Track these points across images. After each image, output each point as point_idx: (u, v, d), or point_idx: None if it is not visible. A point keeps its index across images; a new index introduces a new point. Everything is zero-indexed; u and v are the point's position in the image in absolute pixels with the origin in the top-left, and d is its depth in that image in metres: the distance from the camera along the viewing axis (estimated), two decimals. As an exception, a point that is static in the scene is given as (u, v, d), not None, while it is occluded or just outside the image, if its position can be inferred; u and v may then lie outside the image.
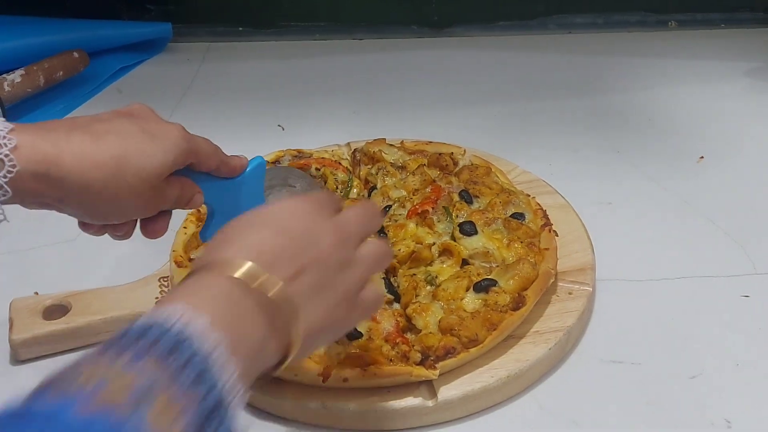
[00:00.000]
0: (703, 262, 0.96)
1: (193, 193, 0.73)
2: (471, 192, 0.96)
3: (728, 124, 1.24)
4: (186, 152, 0.70)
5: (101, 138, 0.65)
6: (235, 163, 0.76)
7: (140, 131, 0.67)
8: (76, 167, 0.63)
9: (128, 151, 0.66)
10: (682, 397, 0.79)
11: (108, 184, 0.65)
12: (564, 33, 1.54)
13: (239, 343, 0.52)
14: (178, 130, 0.70)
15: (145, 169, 0.66)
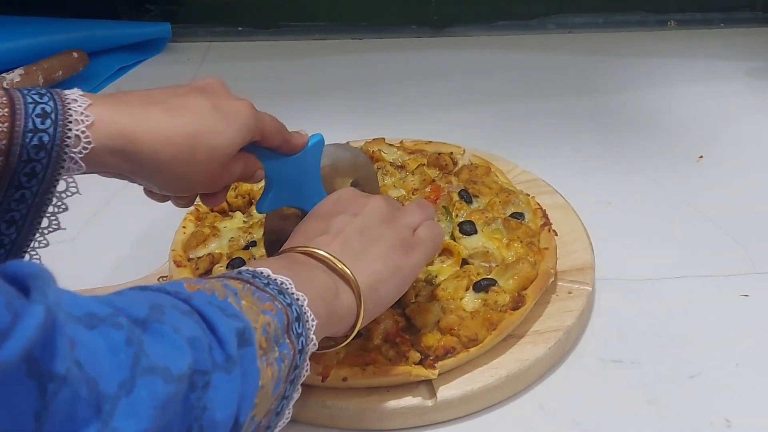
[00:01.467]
0: (703, 261, 0.96)
1: (256, 168, 0.75)
2: (470, 191, 0.96)
3: (728, 123, 1.24)
4: (254, 130, 0.71)
5: (176, 115, 0.67)
6: (297, 141, 0.77)
7: (213, 108, 0.68)
8: (151, 143, 0.65)
9: (201, 130, 0.67)
10: (681, 396, 0.79)
11: (180, 161, 0.66)
12: (564, 33, 1.54)
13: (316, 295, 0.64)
14: (247, 108, 0.71)
15: (216, 148, 0.68)
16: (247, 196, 0.97)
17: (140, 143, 0.64)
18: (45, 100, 0.62)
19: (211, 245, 0.91)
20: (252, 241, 0.91)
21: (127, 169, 0.66)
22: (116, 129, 0.63)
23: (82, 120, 0.62)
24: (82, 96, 0.63)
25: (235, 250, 0.90)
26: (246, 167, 0.73)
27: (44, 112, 0.61)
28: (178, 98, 0.68)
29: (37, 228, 0.65)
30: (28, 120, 0.60)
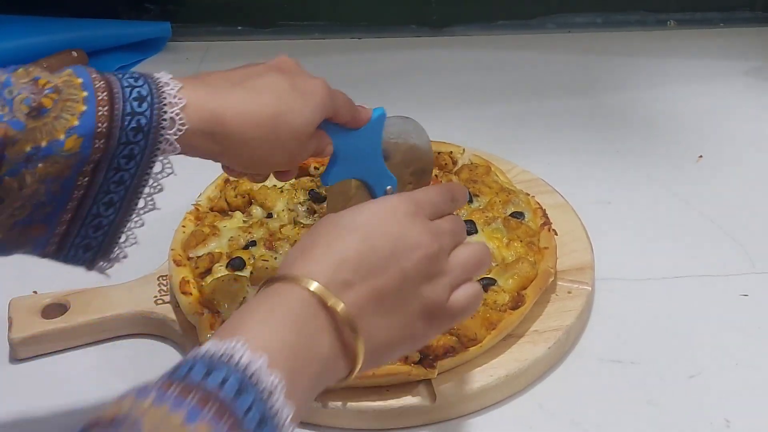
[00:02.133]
0: (703, 261, 0.96)
1: (326, 144, 0.75)
2: (471, 191, 0.96)
3: (727, 123, 1.24)
4: (329, 108, 0.72)
5: (260, 95, 0.68)
6: (363, 115, 0.78)
7: (291, 88, 0.69)
8: (238, 125, 0.66)
9: (282, 110, 0.68)
10: (681, 396, 0.79)
11: (264, 142, 0.67)
12: (563, 32, 1.54)
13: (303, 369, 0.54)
14: (322, 86, 0.72)
15: (297, 127, 0.69)
16: (247, 195, 0.97)
17: (228, 125, 0.65)
18: (140, 83, 0.63)
19: (211, 244, 0.91)
20: (252, 241, 0.91)
21: (215, 150, 0.67)
22: (207, 112, 0.65)
23: (176, 102, 0.63)
24: (172, 79, 0.65)
25: (234, 249, 0.90)
26: (319, 143, 0.74)
27: (140, 95, 0.62)
28: (258, 78, 0.69)
29: (134, 209, 0.67)
30: (126, 104, 0.62)
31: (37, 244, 0.65)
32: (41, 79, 0.60)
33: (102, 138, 0.61)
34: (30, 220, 0.62)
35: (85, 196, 0.63)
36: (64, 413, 0.79)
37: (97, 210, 0.64)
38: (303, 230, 0.92)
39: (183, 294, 0.84)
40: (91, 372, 0.84)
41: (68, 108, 0.60)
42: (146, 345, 0.87)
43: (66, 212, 0.63)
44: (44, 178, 0.60)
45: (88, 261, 0.68)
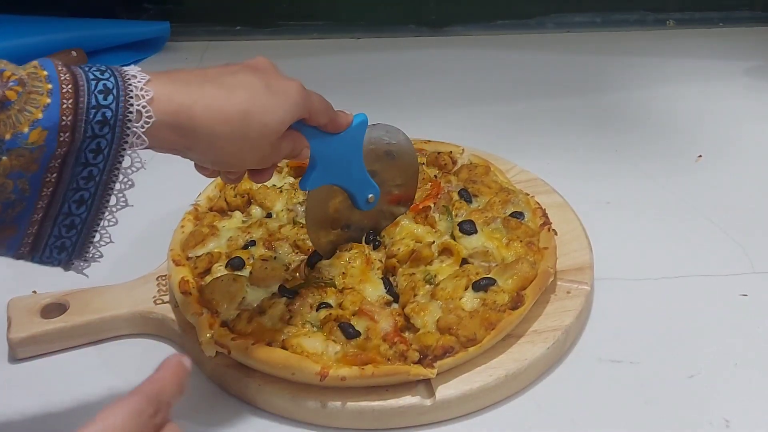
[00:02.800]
0: (702, 261, 0.96)
1: (303, 146, 0.76)
2: (470, 191, 0.96)
3: (726, 123, 1.24)
4: (303, 109, 0.73)
5: (231, 92, 0.68)
6: (342, 120, 0.79)
7: (264, 87, 0.70)
8: (206, 120, 0.66)
9: (253, 108, 0.68)
10: (680, 396, 0.79)
11: (233, 138, 0.68)
12: (562, 32, 1.54)
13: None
14: (296, 87, 0.73)
15: (267, 125, 0.69)
16: (246, 195, 0.97)
17: (196, 119, 0.66)
18: (106, 76, 0.63)
19: (210, 244, 0.91)
20: (251, 241, 0.91)
21: (182, 144, 0.67)
22: (174, 105, 0.65)
23: (142, 95, 0.63)
24: (140, 72, 0.65)
25: (233, 249, 0.90)
26: (294, 145, 0.75)
27: (106, 88, 0.62)
28: (231, 76, 0.70)
29: (106, 206, 0.67)
30: (92, 96, 0.62)
31: (10, 246, 0.65)
32: (6, 71, 0.60)
33: (67, 131, 0.61)
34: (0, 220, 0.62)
35: (54, 193, 0.63)
36: (63, 413, 0.79)
37: (69, 208, 0.64)
38: (302, 230, 0.91)
39: (182, 294, 0.84)
40: (91, 372, 0.84)
41: (32, 100, 0.60)
42: (145, 345, 0.87)
43: (36, 212, 0.63)
44: (9, 172, 0.60)
45: (63, 261, 0.69)
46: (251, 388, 0.79)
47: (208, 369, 0.82)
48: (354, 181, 0.84)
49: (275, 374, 0.78)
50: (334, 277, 0.86)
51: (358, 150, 0.82)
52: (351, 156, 0.82)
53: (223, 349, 0.79)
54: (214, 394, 0.81)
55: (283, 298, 0.83)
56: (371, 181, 0.86)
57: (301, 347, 0.77)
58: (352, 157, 0.82)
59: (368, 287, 0.85)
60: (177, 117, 0.65)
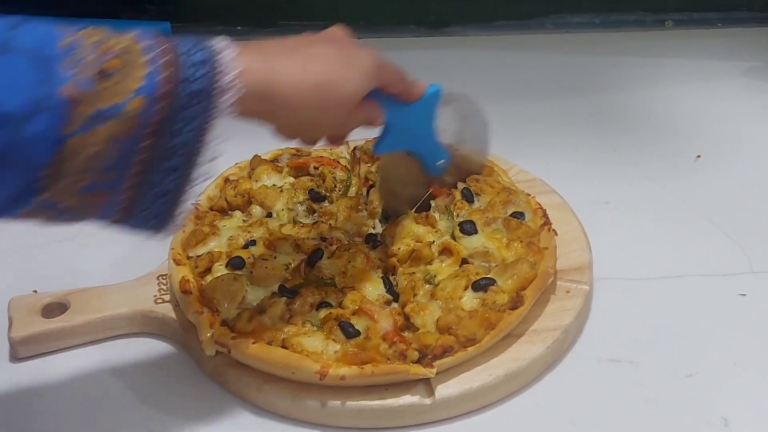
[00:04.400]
0: (701, 260, 0.96)
1: (377, 114, 0.80)
2: (473, 190, 0.96)
3: (725, 123, 1.24)
4: (377, 79, 0.76)
5: (309, 63, 0.71)
6: (415, 90, 0.82)
7: (340, 58, 0.73)
8: (286, 90, 0.69)
9: (329, 78, 0.71)
10: (679, 395, 0.79)
11: (310, 107, 0.71)
12: (561, 32, 1.54)
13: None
14: (371, 58, 0.76)
15: (343, 96, 0.72)
16: (246, 195, 0.97)
17: (276, 89, 0.69)
18: (199, 48, 0.65)
19: (211, 244, 0.91)
20: (251, 240, 0.91)
21: (263, 113, 0.71)
22: (259, 75, 0.68)
23: (233, 68, 0.66)
24: (230, 44, 0.67)
25: (234, 248, 0.90)
26: (368, 113, 0.78)
27: (199, 61, 0.65)
28: (308, 47, 0.73)
29: (194, 175, 0.68)
30: (186, 68, 0.64)
31: (104, 212, 0.67)
32: (107, 41, 0.62)
33: (163, 101, 0.63)
34: (95, 186, 0.63)
35: (146, 162, 0.64)
36: (64, 413, 0.79)
37: (159, 176, 0.66)
38: (302, 229, 0.92)
39: (183, 293, 0.84)
40: (91, 371, 0.84)
41: (132, 71, 0.62)
42: (146, 344, 0.87)
43: (129, 179, 0.65)
44: (109, 139, 0.61)
45: (152, 228, 0.70)
46: (251, 387, 0.79)
47: (208, 368, 0.82)
48: (425, 147, 0.88)
49: (275, 373, 0.78)
50: (334, 276, 0.86)
51: (430, 118, 0.86)
52: (423, 124, 0.85)
53: (224, 348, 0.79)
54: (214, 394, 0.81)
55: (284, 297, 0.83)
56: (441, 148, 0.90)
57: (301, 346, 0.78)
58: (424, 124, 0.85)
59: (368, 286, 0.85)
60: (259, 87, 0.67)
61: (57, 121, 0.59)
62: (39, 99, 0.58)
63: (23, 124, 0.58)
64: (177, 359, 0.85)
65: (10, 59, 0.59)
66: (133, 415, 0.79)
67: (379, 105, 0.79)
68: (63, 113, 0.59)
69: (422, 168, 0.92)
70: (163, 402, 0.80)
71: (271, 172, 1.01)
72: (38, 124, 0.58)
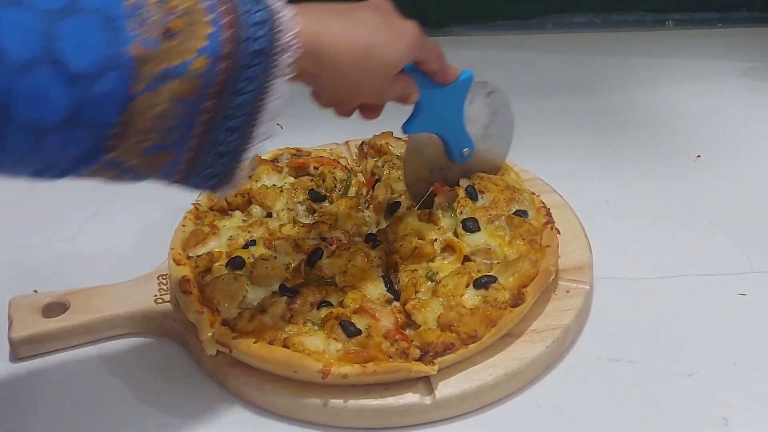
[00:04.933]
0: (700, 260, 0.96)
1: (413, 90, 0.81)
2: (477, 187, 0.96)
3: (725, 123, 1.24)
4: (419, 49, 0.78)
5: (356, 26, 0.73)
6: (450, 72, 0.85)
7: (385, 24, 0.75)
8: (334, 49, 0.71)
9: (375, 42, 0.73)
10: (679, 395, 0.79)
11: (356, 69, 0.73)
12: (562, 32, 1.54)
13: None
14: (414, 28, 0.78)
15: (387, 60, 0.74)
16: (246, 195, 0.97)
17: (325, 48, 0.70)
18: (259, 7, 0.66)
19: (211, 244, 0.91)
20: (251, 240, 0.91)
21: (311, 71, 0.71)
22: (309, 34, 0.69)
23: (291, 27, 0.67)
24: (285, 5, 0.68)
25: (234, 248, 0.90)
26: (405, 87, 0.80)
27: (260, 20, 0.66)
28: (355, 12, 0.75)
29: (254, 135, 0.69)
30: (247, 28, 0.65)
31: (166, 172, 0.67)
32: (172, 1, 0.63)
33: (226, 60, 0.64)
34: (160, 146, 0.64)
35: (209, 121, 0.65)
36: (64, 413, 0.79)
37: (221, 136, 0.67)
38: (302, 229, 0.92)
39: (183, 293, 0.84)
40: (92, 371, 0.84)
41: (197, 30, 0.63)
42: (146, 344, 0.87)
43: (193, 138, 0.66)
44: (174, 98, 0.62)
45: (212, 186, 0.71)
46: (252, 387, 0.79)
47: (208, 368, 0.82)
48: (453, 133, 0.89)
49: (277, 373, 0.78)
50: (334, 275, 0.86)
51: (460, 104, 0.87)
52: (453, 109, 0.87)
53: (225, 348, 0.79)
54: (214, 393, 0.81)
55: (284, 296, 0.83)
56: (468, 137, 0.91)
57: (303, 345, 0.78)
58: (454, 110, 0.87)
59: (368, 285, 0.85)
60: (309, 45, 0.68)
61: (125, 79, 0.60)
62: (108, 58, 0.59)
63: (93, 83, 0.59)
64: (177, 359, 0.85)
65: (78, 19, 0.59)
66: (133, 415, 0.79)
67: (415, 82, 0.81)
68: (131, 72, 0.60)
69: (447, 154, 0.94)
70: (163, 402, 0.80)
71: (271, 172, 1.01)
72: (107, 83, 0.59)
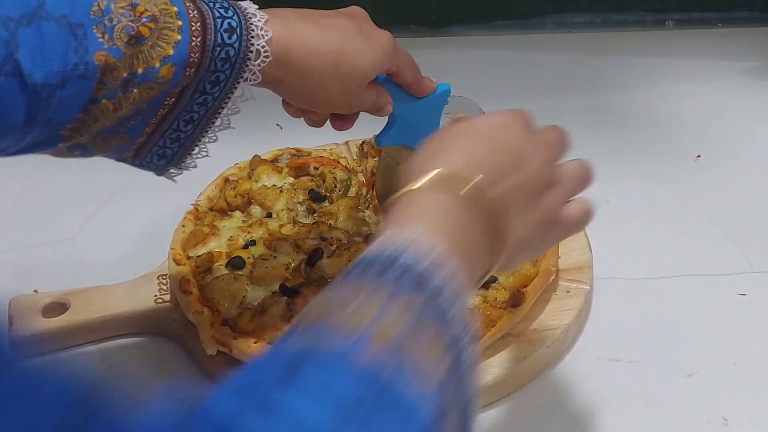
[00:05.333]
0: (701, 260, 0.96)
1: (386, 102, 0.79)
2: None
3: (725, 123, 1.24)
4: (392, 59, 0.76)
5: (327, 32, 0.71)
6: (426, 85, 0.82)
7: (358, 32, 0.73)
8: (302, 54, 0.69)
9: (346, 48, 0.71)
10: (679, 395, 0.79)
11: (325, 75, 0.71)
12: (562, 32, 1.54)
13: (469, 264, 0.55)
14: (388, 37, 0.76)
15: (357, 68, 0.72)
16: (246, 195, 0.97)
17: (292, 53, 0.69)
18: (230, 14, 0.66)
19: (211, 244, 0.92)
20: (251, 240, 0.91)
21: (277, 77, 0.70)
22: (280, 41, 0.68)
23: (262, 35, 0.66)
24: (258, 11, 0.68)
25: (234, 249, 0.90)
26: (378, 98, 0.78)
27: (231, 26, 0.65)
28: (327, 18, 0.73)
29: (211, 126, 0.71)
30: (218, 35, 0.65)
31: (116, 150, 0.68)
32: (139, 6, 0.62)
33: (193, 67, 0.64)
34: (114, 130, 0.65)
35: (168, 113, 0.66)
36: (64, 412, 0.79)
37: (177, 125, 0.67)
38: (302, 229, 0.92)
39: (183, 293, 0.84)
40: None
41: (164, 37, 0.63)
42: (146, 344, 0.87)
43: (148, 126, 0.66)
44: (137, 101, 0.63)
45: (160, 168, 0.72)
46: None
47: (208, 368, 0.82)
48: None
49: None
50: (334, 275, 0.86)
51: (436, 117, 0.86)
52: (429, 122, 0.85)
53: (225, 348, 0.79)
54: (214, 393, 0.81)
55: (284, 296, 0.83)
56: None
57: (302, 346, 0.77)
58: (430, 123, 0.85)
59: (368, 286, 0.85)
60: (275, 49, 0.68)
61: (88, 87, 0.60)
62: (70, 68, 0.59)
63: (54, 92, 0.59)
64: (177, 359, 0.85)
65: (42, 27, 0.58)
66: (134, 414, 0.79)
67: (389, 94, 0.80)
68: (93, 81, 0.60)
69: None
70: (164, 402, 0.80)
71: (271, 173, 1.01)
72: (68, 91, 0.59)
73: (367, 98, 0.76)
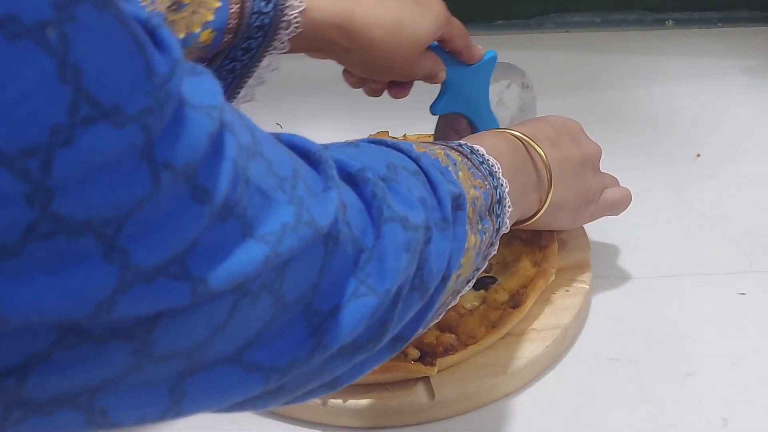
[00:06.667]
0: (700, 259, 0.96)
1: (440, 69, 0.84)
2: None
3: (725, 122, 1.24)
4: (446, 25, 0.81)
5: (385, 3, 0.76)
6: (476, 52, 0.87)
7: (413, 1, 0.78)
8: (365, 24, 0.74)
9: (405, 17, 0.76)
10: (678, 394, 0.79)
11: (387, 43, 0.76)
12: (561, 32, 1.54)
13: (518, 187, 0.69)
14: (440, 5, 0.81)
15: (415, 35, 0.77)
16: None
17: (357, 22, 0.73)
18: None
19: (211, 243, 0.91)
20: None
21: (343, 45, 0.74)
22: (339, 8, 0.73)
23: (297, 5, 0.70)
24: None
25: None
26: (433, 65, 0.83)
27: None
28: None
29: (235, 97, 0.72)
30: (255, 2, 0.68)
31: None
32: None
33: (231, 33, 0.66)
34: None
35: None
36: (64, 411, 0.79)
37: None
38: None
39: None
40: (91, 370, 0.84)
41: (204, 3, 0.64)
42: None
43: None
44: None
45: None
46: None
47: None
48: (479, 114, 0.90)
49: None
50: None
51: (485, 84, 0.88)
52: (478, 88, 0.88)
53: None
54: (214, 392, 0.81)
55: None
56: (493, 116, 0.92)
57: (302, 345, 0.77)
58: (479, 89, 0.88)
59: (368, 286, 0.85)
60: (341, 19, 0.72)
61: None
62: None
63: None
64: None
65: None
66: (133, 414, 0.79)
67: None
68: None
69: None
70: (163, 401, 0.80)
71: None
72: None
73: (424, 65, 0.81)
